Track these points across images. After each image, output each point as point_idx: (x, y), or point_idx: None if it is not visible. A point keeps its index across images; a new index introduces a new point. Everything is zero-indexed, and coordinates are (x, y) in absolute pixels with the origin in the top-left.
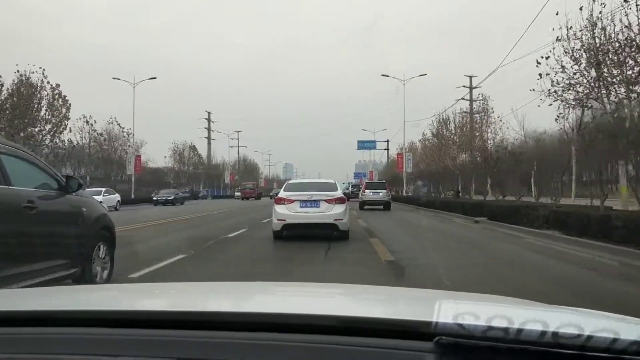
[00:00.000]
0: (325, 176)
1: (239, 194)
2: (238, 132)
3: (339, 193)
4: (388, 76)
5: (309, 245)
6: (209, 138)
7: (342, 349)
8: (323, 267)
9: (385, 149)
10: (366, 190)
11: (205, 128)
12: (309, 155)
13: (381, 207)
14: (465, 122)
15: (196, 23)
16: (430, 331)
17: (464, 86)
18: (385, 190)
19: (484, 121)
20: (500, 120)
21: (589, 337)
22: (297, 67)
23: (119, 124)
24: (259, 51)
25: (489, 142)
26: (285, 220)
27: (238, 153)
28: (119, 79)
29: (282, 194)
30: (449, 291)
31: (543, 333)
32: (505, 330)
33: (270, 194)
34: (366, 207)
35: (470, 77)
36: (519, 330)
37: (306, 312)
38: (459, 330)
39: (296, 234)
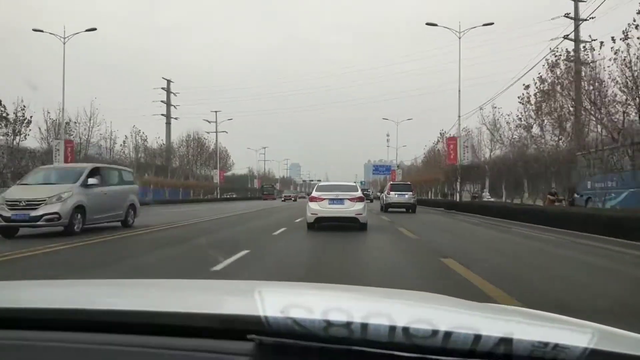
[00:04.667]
0: (332, 176)
1: None
2: (216, 112)
3: (359, 193)
4: (436, 25)
5: None
6: (167, 115)
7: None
8: None
9: None
10: (391, 192)
11: (163, 102)
12: (317, 155)
13: (404, 209)
14: None
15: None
16: (253, 329)
17: None
18: (410, 192)
19: None
20: None
21: (447, 335)
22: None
23: None
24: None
25: None
26: (317, 214)
27: (215, 138)
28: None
29: (315, 193)
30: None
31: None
32: (346, 326)
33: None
34: (390, 209)
35: None
36: (362, 327)
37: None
38: (288, 327)
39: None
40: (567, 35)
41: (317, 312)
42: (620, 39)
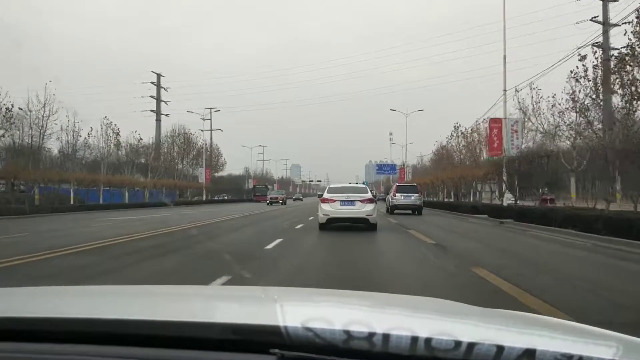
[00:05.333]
0: (333, 177)
1: None
2: (211, 109)
3: (369, 195)
4: None
5: None
6: (157, 112)
7: None
8: None
9: None
10: (397, 194)
11: (152, 97)
12: (317, 156)
13: (410, 211)
14: None
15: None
16: (273, 340)
17: None
18: (417, 194)
19: None
20: None
21: (470, 347)
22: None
23: None
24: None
25: None
26: (329, 215)
27: (210, 135)
28: None
29: (327, 195)
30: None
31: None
32: (367, 339)
33: None
34: (396, 211)
35: None
36: (384, 339)
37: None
38: (309, 339)
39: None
40: (595, 17)
41: (338, 324)
42: None
